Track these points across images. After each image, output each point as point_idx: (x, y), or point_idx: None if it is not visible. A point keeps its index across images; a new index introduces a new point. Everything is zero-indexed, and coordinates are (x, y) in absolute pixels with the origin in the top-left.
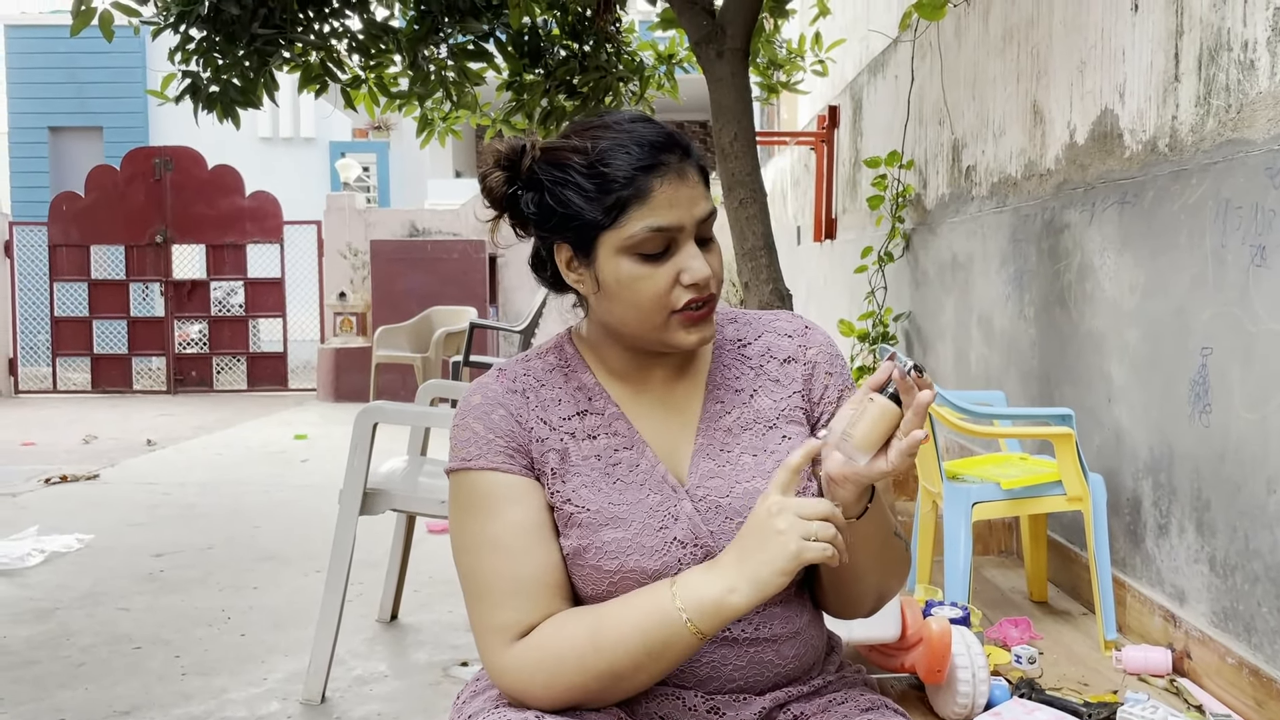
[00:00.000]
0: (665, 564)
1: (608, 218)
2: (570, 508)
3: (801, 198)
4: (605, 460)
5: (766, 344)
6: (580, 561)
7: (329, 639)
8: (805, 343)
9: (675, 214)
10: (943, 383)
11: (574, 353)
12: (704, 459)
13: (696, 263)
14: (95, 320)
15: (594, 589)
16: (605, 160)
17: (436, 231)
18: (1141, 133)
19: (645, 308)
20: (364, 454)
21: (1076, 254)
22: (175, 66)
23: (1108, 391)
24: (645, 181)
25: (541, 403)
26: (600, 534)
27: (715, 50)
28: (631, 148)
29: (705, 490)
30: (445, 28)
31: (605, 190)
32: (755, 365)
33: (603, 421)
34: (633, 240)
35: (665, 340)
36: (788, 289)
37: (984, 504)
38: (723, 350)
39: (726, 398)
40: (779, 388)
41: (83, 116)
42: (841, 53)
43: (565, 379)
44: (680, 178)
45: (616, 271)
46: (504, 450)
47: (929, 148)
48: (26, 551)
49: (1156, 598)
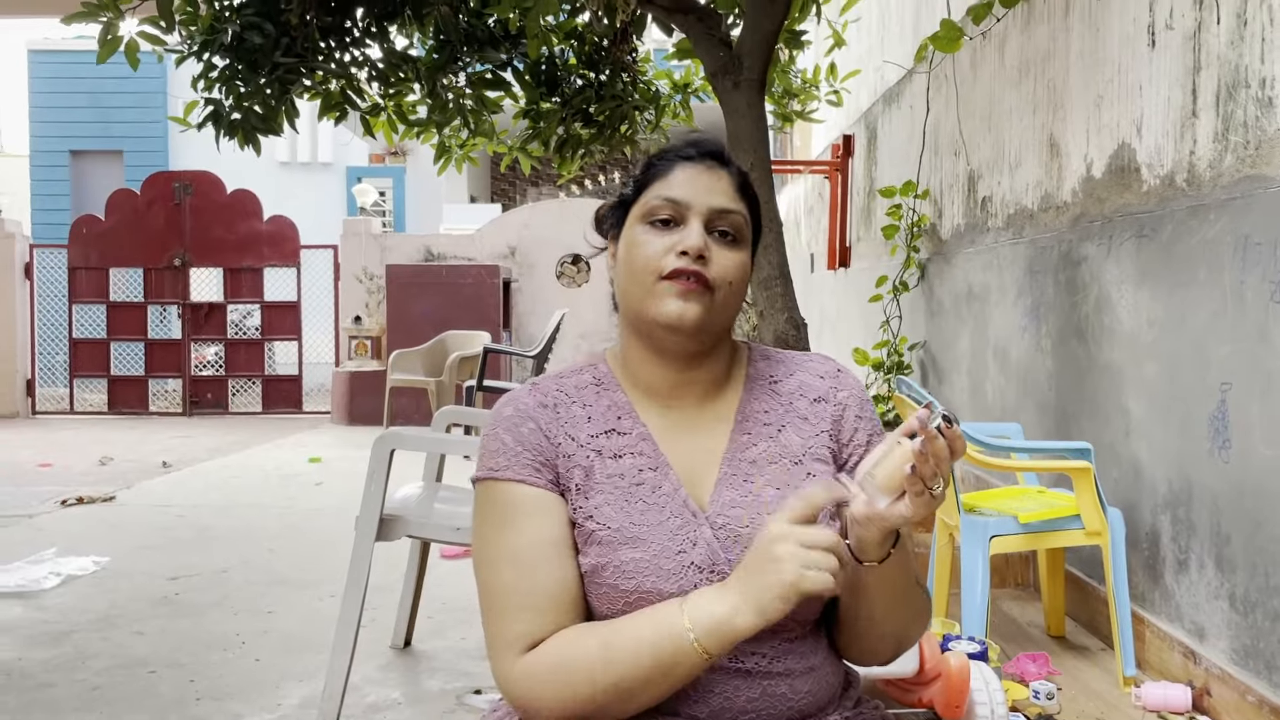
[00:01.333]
0: (681, 588)
1: (636, 192)
2: (591, 524)
3: (815, 226)
4: (629, 480)
5: (799, 382)
6: (598, 580)
7: (343, 666)
8: (837, 385)
9: (687, 190)
10: (958, 413)
11: (607, 370)
12: (727, 488)
13: (693, 236)
14: (113, 342)
15: (610, 608)
16: (659, 154)
17: (451, 256)
18: (1159, 167)
19: (640, 268)
20: (381, 481)
21: (1094, 287)
22: (198, 94)
23: (1126, 425)
24: (672, 162)
25: (571, 419)
26: (619, 553)
27: (732, 81)
28: (678, 143)
29: (726, 519)
30: (464, 57)
31: (643, 172)
32: (785, 402)
33: (629, 441)
34: (646, 207)
35: (652, 313)
36: (803, 318)
37: (1002, 537)
38: (755, 384)
39: (755, 430)
40: (808, 425)
41: (104, 140)
42: (856, 82)
43: (597, 396)
44: (708, 169)
45: (630, 238)
46: (530, 463)
47: (944, 178)
48: (44, 574)
49: (1176, 634)
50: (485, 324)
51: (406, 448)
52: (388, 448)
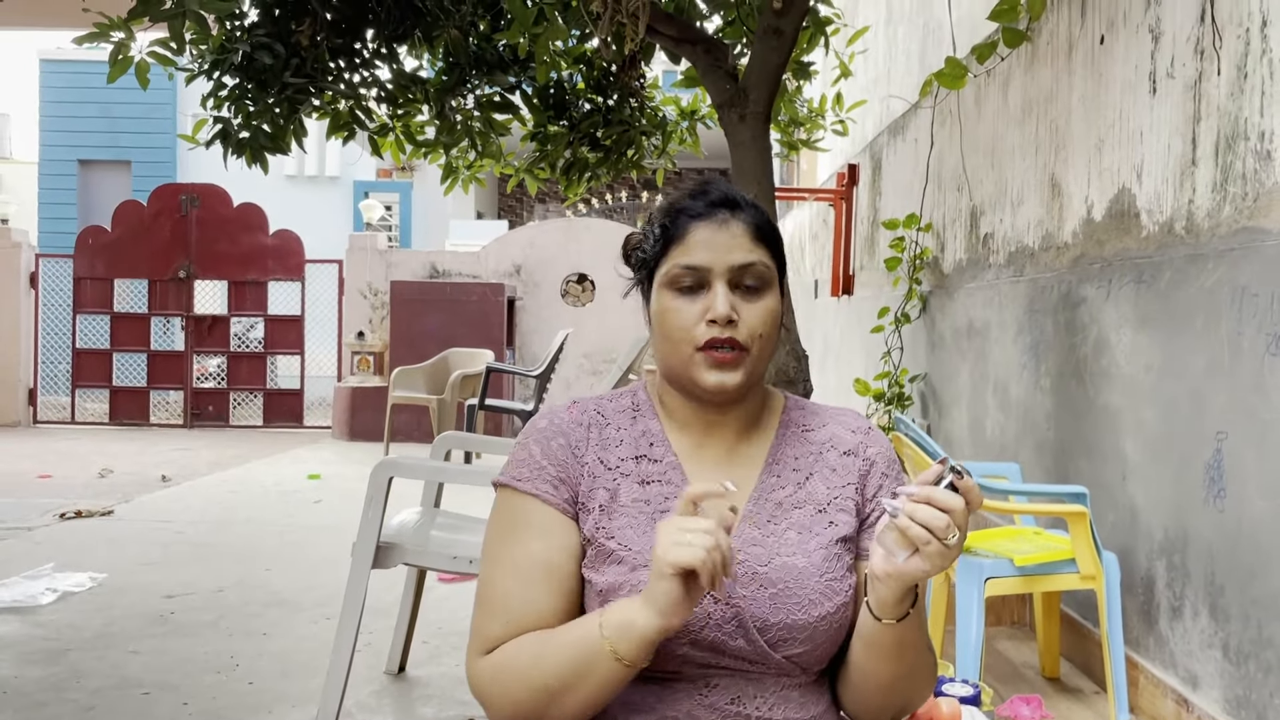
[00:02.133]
0: (694, 615)
1: (656, 256)
2: (613, 544)
3: (819, 252)
4: (654, 506)
5: (831, 434)
6: (614, 598)
7: (337, 693)
8: (867, 441)
9: (706, 255)
10: (957, 448)
11: (646, 399)
12: (750, 525)
13: (719, 301)
14: (116, 352)
15: None
16: (670, 213)
17: (456, 273)
18: (1159, 214)
19: (674, 340)
20: (379, 508)
21: (1093, 329)
22: (207, 112)
23: (1123, 469)
24: (686, 224)
25: (604, 441)
26: (637, 574)
27: (738, 114)
28: (691, 203)
29: (745, 555)
30: (473, 79)
31: (662, 233)
32: (817, 451)
33: (659, 469)
34: (669, 275)
35: (692, 378)
36: (804, 350)
37: (997, 579)
38: (788, 430)
39: (784, 474)
40: (835, 476)
41: (112, 150)
42: (862, 112)
43: (633, 422)
44: (721, 226)
45: (659, 305)
46: (552, 479)
47: (947, 212)
48: (41, 590)
49: (1169, 680)
50: (489, 342)
51: (405, 475)
52: (386, 475)
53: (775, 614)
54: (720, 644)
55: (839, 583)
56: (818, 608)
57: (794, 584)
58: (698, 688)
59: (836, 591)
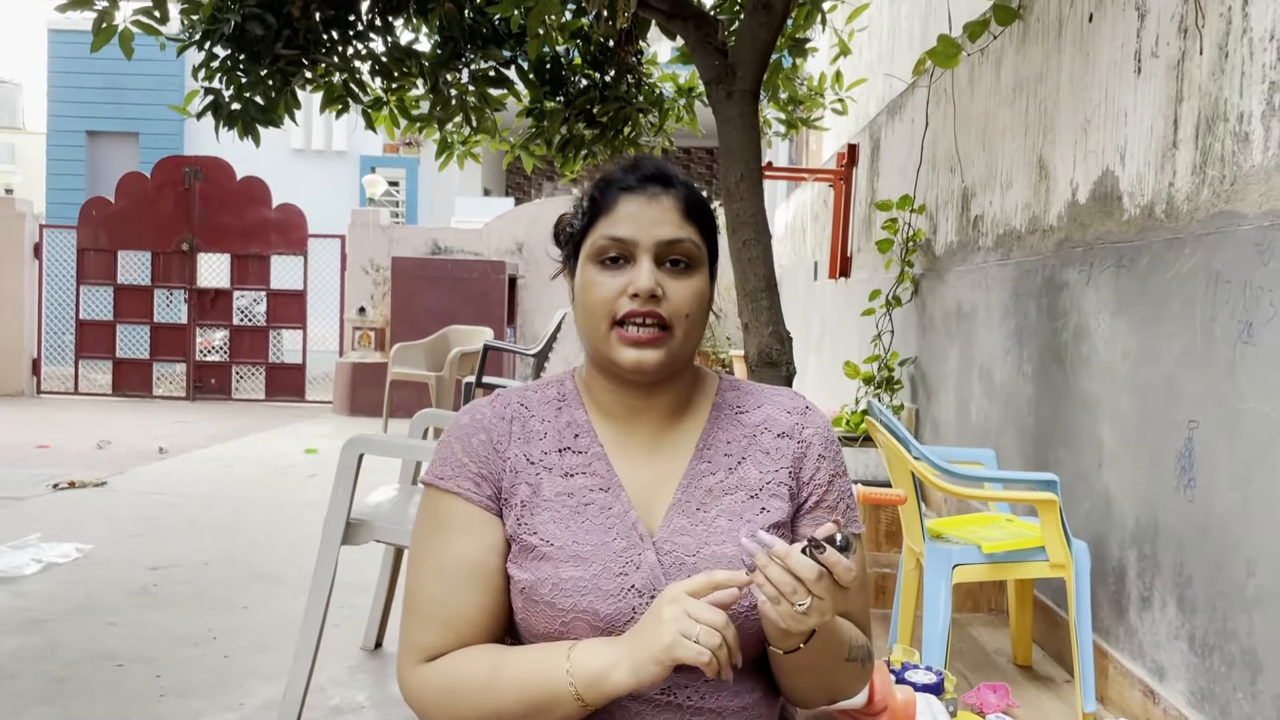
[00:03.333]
0: (619, 610)
1: (584, 227)
2: (535, 539)
3: (820, 233)
4: (577, 499)
5: (765, 415)
6: (535, 596)
7: (305, 669)
8: (804, 422)
9: (632, 228)
10: (943, 433)
11: (573, 388)
12: (679, 514)
13: (643, 274)
14: (119, 324)
15: (546, 627)
16: (600, 185)
17: (459, 250)
18: (1140, 196)
19: (594, 314)
20: (348, 485)
21: (1074, 314)
22: (199, 83)
23: (1098, 456)
24: (614, 196)
25: (526, 434)
26: (559, 570)
27: (725, 91)
28: (622, 175)
29: (673, 545)
30: (468, 53)
31: (590, 204)
32: (750, 434)
33: (584, 460)
34: (594, 247)
35: (609, 356)
36: (788, 332)
37: (965, 566)
38: (720, 413)
39: (714, 459)
40: (769, 460)
41: (120, 122)
42: (865, 91)
43: (558, 413)
44: (651, 200)
45: (582, 277)
46: (473, 476)
47: (940, 194)
48: (26, 560)
49: (1137, 671)
50: (490, 320)
51: (375, 452)
52: (356, 452)
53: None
54: None
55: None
56: (747, 598)
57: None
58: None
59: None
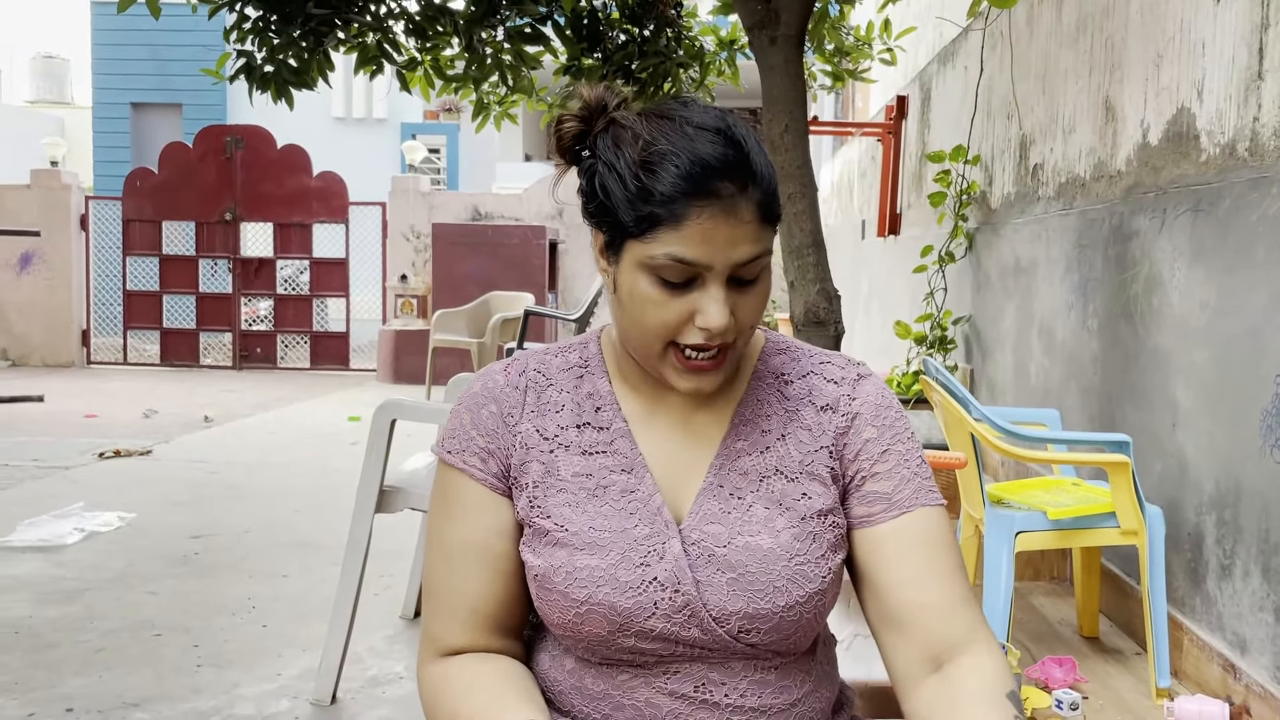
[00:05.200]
0: (639, 604)
1: (637, 227)
2: (549, 524)
3: (868, 190)
4: (596, 480)
5: (809, 386)
6: (548, 585)
7: (340, 639)
8: (852, 393)
9: (706, 251)
10: (1000, 394)
11: (597, 353)
12: (710, 499)
13: (715, 308)
14: (165, 295)
15: (560, 617)
16: (654, 164)
17: (499, 216)
18: (1220, 135)
19: (648, 332)
20: (381, 451)
21: (1144, 264)
22: (230, 45)
23: (1172, 416)
24: (684, 207)
25: (541, 406)
26: (575, 558)
27: (768, 36)
28: (684, 162)
29: (701, 534)
30: (503, 10)
31: (643, 199)
32: (791, 407)
33: (604, 438)
34: (654, 262)
35: (660, 373)
36: (836, 289)
37: (1028, 534)
38: (761, 382)
39: (751, 436)
40: (810, 438)
41: (163, 94)
42: (915, 41)
43: (578, 383)
44: (726, 214)
45: (633, 285)
46: (479, 452)
47: (996, 143)
48: (68, 530)
49: (1216, 644)
50: (530, 285)
51: (407, 417)
52: (389, 417)
53: (734, 601)
54: (670, 634)
55: (811, 567)
56: (784, 595)
57: (757, 568)
58: (655, 675)
59: (808, 578)
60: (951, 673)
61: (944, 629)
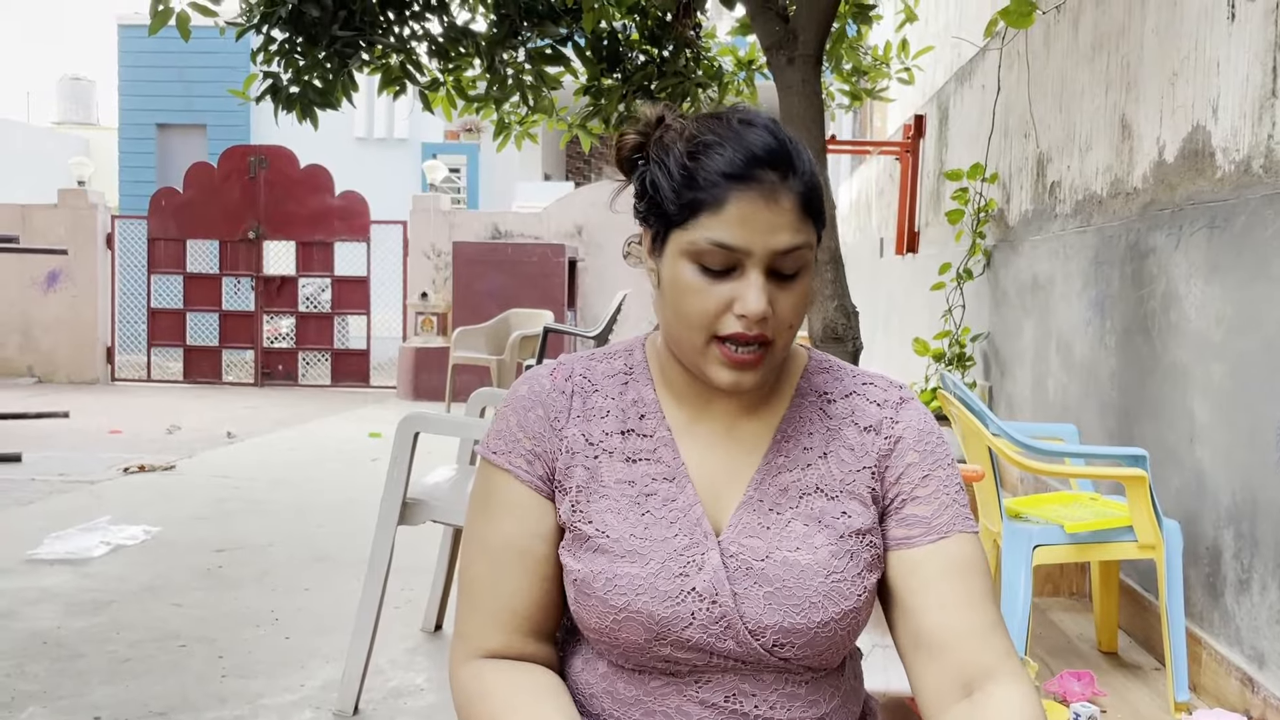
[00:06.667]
0: (676, 614)
1: (680, 215)
2: (590, 529)
3: (885, 209)
4: (639, 488)
5: (852, 405)
6: (588, 590)
7: (363, 651)
8: (895, 416)
9: (745, 235)
10: (1019, 410)
11: (642, 360)
12: (749, 512)
13: (753, 294)
14: (189, 312)
15: (597, 622)
16: (699, 154)
17: (519, 234)
18: (1235, 152)
19: (689, 323)
20: (404, 464)
21: (1161, 280)
22: (256, 67)
23: (1190, 430)
24: (725, 191)
25: (587, 411)
26: (615, 565)
27: (786, 56)
28: (728, 150)
29: (740, 547)
30: (524, 31)
31: (687, 185)
32: (834, 426)
33: (648, 445)
34: (694, 247)
35: (701, 368)
36: (854, 306)
37: (1046, 547)
38: (804, 399)
39: (793, 453)
40: (852, 457)
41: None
42: (932, 60)
43: (623, 389)
44: (767, 200)
45: (675, 274)
46: (526, 454)
47: (1013, 161)
48: (95, 543)
49: (1234, 658)
50: (550, 303)
51: (430, 430)
52: (412, 430)
53: (770, 615)
54: (706, 645)
55: (848, 585)
56: (820, 612)
57: (794, 583)
58: (687, 683)
59: (844, 595)
60: (981, 700)
61: (976, 656)
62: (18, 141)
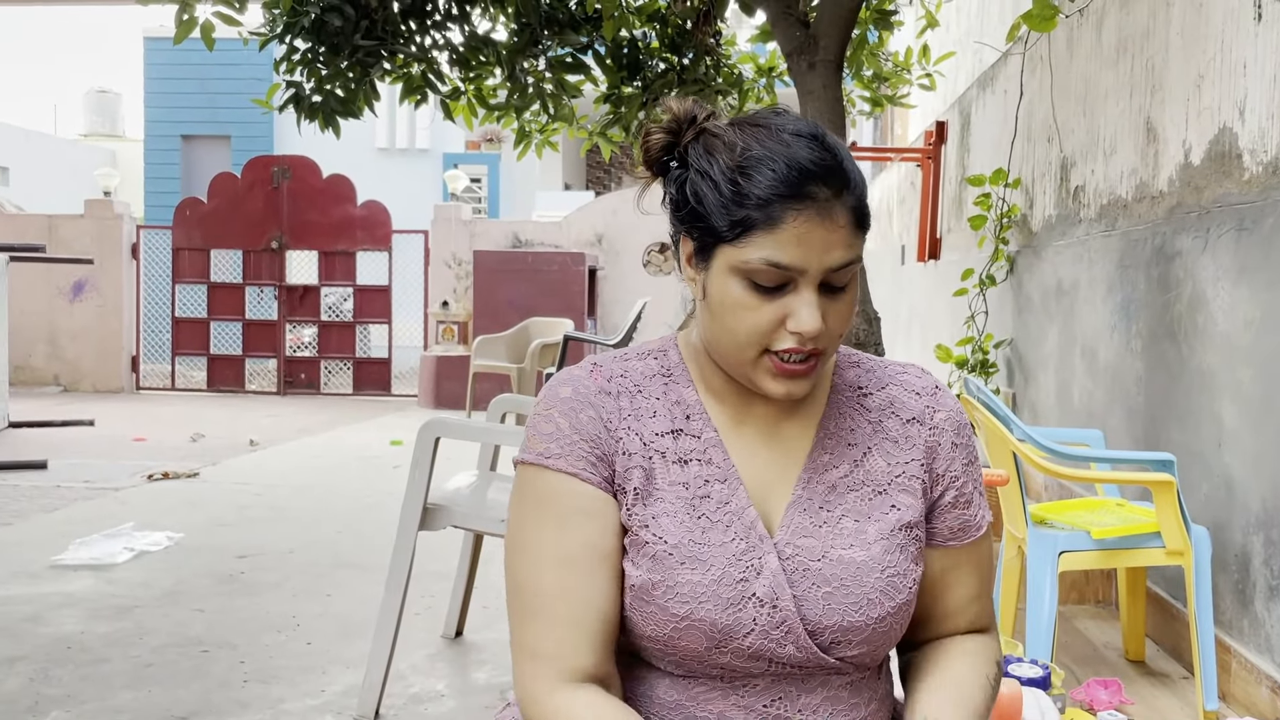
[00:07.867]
0: (738, 620)
1: (731, 232)
2: (648, 535)
3: (907, 216)
4: (694, 491)
5: (890, 397)
6: (647, 598)
7: (384, 656)
8: (934, 405)
9: (800, 254)
10: (1043, 416)
11: (679, 360)
12: (799, 513)
13: (808, 311)
14: (213, 321)
15: (656, 630)
16: (749, 169)
17: (539, 243)
18: (1262, 153)
19: (740, 339)
20: (425, 469)
21: (1188, 284)
22: (279, 76)
23: (1218, 435)
24: (780, 210)
25: (636, 411)
26: (676, 573)
27: (807, 62)
28: (780, 166)
29: (795, 549)
30: (544, 40)
31: (738, 202)
32: (874, 419)
33: (698, 446)
34: (747, 266)
35: (752, 379)
36: (876, 312)
37: (1072, 554)
38: (840, 396)
39: (837, 450)
40: (897, 450)
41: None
42: (954, 66)
43: (665, 389)
44: (822, 218)
45: (724, 290)
46: (587, 456)
47: (1036, 166)
48: (118, 549)
49: (1264, 666)
50: (570, 311)
51: (452, 436)
52: (433, 436)
53: (829, 616)
54: (766, 652)
55: (902, 578)
56: (877, 607)
57: (851, 581)
58: (733, 688)
59: (899, 589)
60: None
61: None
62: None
